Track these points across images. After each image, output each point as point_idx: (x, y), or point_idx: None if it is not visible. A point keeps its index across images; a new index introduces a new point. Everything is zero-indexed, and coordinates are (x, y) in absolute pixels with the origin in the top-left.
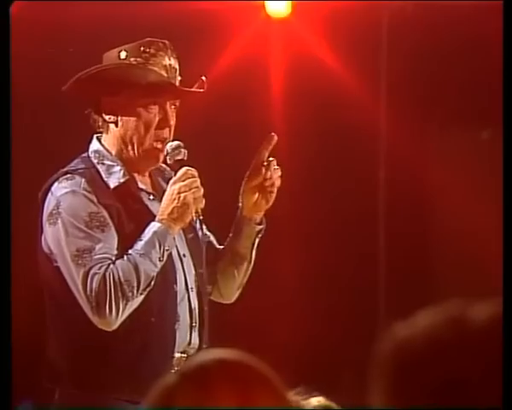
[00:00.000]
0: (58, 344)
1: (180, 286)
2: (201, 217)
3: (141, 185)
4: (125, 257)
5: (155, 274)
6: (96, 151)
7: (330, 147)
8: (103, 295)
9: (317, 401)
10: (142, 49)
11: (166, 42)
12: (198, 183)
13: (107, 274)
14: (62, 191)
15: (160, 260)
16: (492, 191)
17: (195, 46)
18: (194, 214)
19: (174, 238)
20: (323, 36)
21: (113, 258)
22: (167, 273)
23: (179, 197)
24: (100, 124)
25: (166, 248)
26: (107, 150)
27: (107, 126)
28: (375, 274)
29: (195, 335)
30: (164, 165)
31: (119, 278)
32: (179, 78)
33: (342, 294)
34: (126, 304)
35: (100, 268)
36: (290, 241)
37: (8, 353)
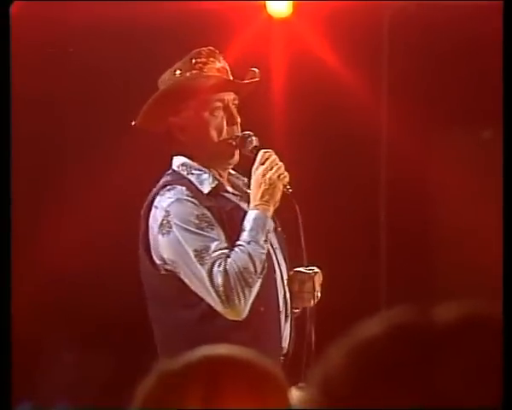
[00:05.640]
0: (167, 347)
1: (277, 277)
2: (290, 190)
3: (228, 188)
4: (237, 248)
5: (265, 256)
6: (183, 164)
7: (331, 147)
8: (230, 288)
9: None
10: (193, 61)
11: (212, 48)
12: (277, 161)
13: (228, 268)
14: (168, 202)
15: (265, 242)
16: (493, 191)
17: (196, 46)
18: (283, 190)
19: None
20: (325, 36)
21: (227, 252)
22: (268, 263)
23: (265, 180)
24: (177, 143)
25: (267, 228)
26: (193, 161)
27: (184, 143)
28: (377, 273)
29: (287, 326)
30: (233, 171)
31: (238, 269)
32: (231, 77)
33: (343, 293)
34: (250, 290)
35: (220, 265)
36: (291, 240)
37: (8, 353)
